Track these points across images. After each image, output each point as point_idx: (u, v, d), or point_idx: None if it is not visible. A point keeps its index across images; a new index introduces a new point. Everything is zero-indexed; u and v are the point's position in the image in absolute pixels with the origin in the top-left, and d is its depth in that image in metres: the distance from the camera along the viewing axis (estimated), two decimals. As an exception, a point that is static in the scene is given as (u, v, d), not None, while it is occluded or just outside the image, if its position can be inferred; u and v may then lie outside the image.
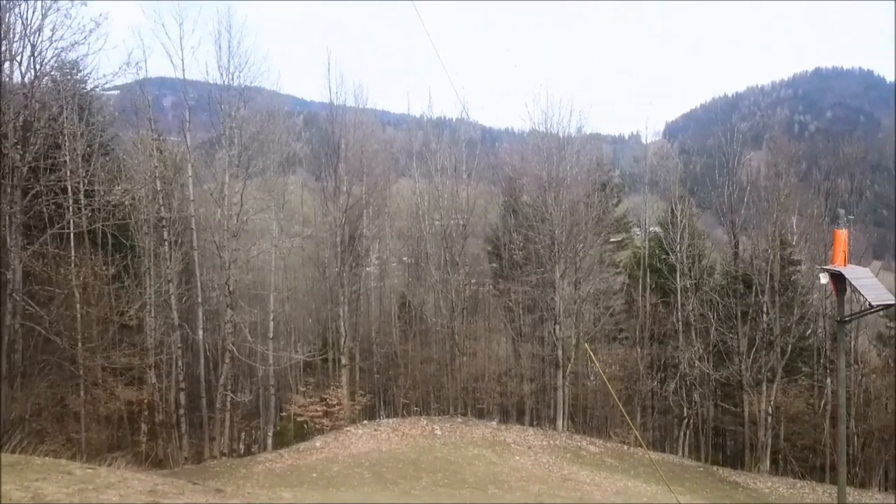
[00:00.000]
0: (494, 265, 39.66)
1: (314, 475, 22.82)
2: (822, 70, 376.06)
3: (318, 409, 30.60)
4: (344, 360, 33.92)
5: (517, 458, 27.10)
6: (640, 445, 29.62)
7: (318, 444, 27.35)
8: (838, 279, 22.19)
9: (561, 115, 35.17)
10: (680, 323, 35.85)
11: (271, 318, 32.71)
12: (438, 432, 29.31)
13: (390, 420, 31.93)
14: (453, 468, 24.30)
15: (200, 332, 30.53)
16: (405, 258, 42.91)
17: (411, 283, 40.56)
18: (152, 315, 28.52)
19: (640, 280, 37.95)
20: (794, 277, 34.88)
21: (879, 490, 30.80)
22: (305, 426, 30.61)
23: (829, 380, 32.85)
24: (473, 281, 39.39)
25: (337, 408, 30.85)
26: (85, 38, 23.34)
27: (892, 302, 23.06)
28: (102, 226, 27.34)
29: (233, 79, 29.84)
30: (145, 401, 28.71)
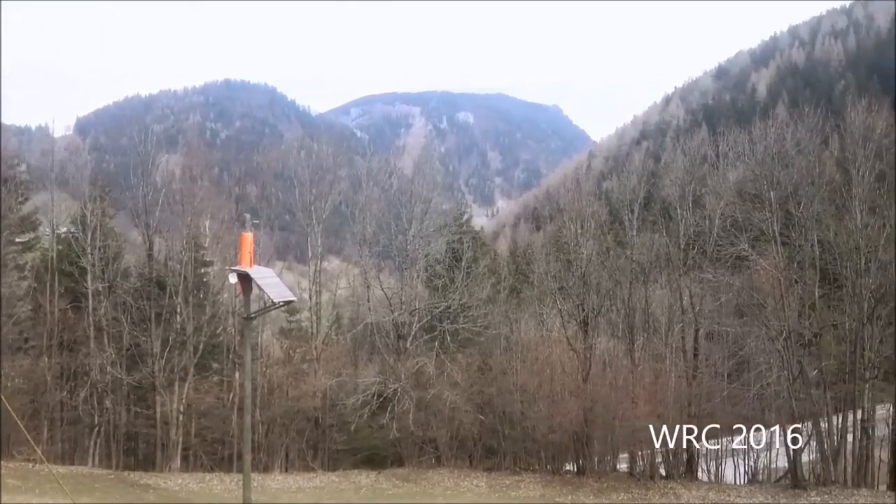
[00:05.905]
0: None
1: None
2: (232, 81, 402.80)
3: None
4: None
5: None
6: (44, 462, 27.55)
7: None
8: (245, 279, 24.38)
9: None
10: (92, 328, 34.36)
11: None
12: None
13: None
14: None
15: None
16: None
17: None
18: None
19: (49, 284, 35.19)
20: (206, 278, 36.65)
21: (281, 472, 34.21)
22: None
23: (237, 373, 35.43)
24: None
25: None
26: None
27: (292, 298, 26.30)
28: None
29: None
30: None
